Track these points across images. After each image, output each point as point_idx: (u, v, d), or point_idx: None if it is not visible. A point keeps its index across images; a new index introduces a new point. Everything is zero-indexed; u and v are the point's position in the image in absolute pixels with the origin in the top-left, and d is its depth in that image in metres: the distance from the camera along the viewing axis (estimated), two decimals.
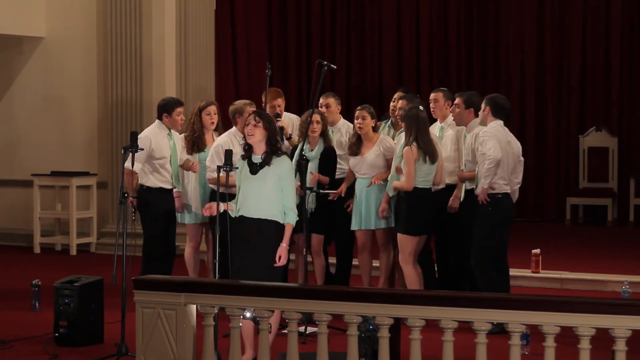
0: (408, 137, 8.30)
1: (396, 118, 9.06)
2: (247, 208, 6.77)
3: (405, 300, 5.62)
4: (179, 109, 8.94)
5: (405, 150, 8.27)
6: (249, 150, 6.85)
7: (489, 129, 8.19)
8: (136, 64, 12.68)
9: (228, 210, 6.88)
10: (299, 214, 7.10)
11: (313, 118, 8.80)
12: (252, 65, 15.67)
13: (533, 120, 15.30)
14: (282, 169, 6.79)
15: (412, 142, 8.25)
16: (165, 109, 8.93)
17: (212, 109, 9.11)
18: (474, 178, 8.35)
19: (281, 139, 7.02)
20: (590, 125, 14.93)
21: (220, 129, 9.16)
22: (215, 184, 6.99)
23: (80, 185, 12.97)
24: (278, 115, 9.32)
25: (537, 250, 10.40)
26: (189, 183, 9.10)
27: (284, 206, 6.77)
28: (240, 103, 8.95)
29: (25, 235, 13.41)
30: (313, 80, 12.89)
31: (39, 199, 13.07)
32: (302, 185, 8.27)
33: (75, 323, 7.81)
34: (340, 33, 16.32)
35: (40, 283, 9.15)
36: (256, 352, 6.26)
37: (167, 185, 8.94)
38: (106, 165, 12.99)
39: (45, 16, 13.58)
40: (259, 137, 6.79)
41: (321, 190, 8.85)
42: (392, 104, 9.35)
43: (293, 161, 8.24)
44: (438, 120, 9.09)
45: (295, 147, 8.97)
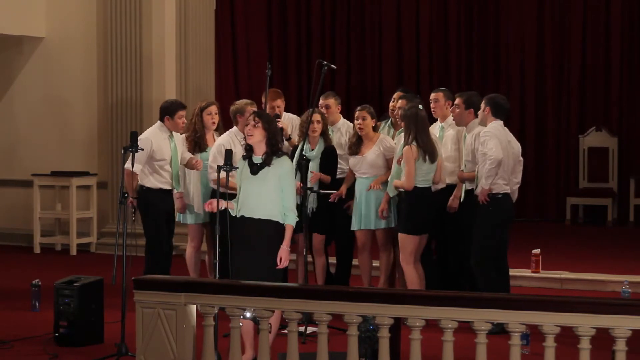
0: (407, 137, 8.29)
1: (395, 118, 9.06)
2: (248, 208, 6.77)
3: (405, 300, 5.62)
4: (181, 112, 8.92)
5: (405, 150, 8.26)
6: (249, 150, 6.85)
7: (490, 129, 8.18)
8: (136, 64, 12.67)
9: (229, 208, 6.88)
10: (299, 214, 7.10)
11: (313, 118, 8.80)
12: (252, 65, 15.67)
13: (533, 120, 15.29)
14: (283, 169, 6.78)
15: (412, 142, 8.24)
16: (168, 111, 8.91)
17: (213, 108, 9.12)
18: (474, 178, 8.36)
19: (281, 139, 7.02)
20: (590, 125, 14.93)
21: (221, 129, 9.17)
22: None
23: (80, 185, 12.97)
24: (277, 116, 9.30)
25: (537, 250, 10.40)
26: (190, 183, 9.10)
27: (284, 207, 6.77)
28: (241, 103, 8.95)
29: (25, 235, 13.40)
30: (313, 80, 12.89)
31: (39, 199, 13.07)
32: (303, 185, 8.27)
33: (75, 323, 7.81)
34: (340, 33, 16.32)
35: (40, 283, 9.14)
36: (256, 352, 6.26)
37: (167, 186, 8.94)
38: (106, 166, 12.99)
39: (45, 16, 13.58)
40: (258, 138, 6.78)
41: (322, 191, 8.85)
42: (392, 103, 9.34)
43: (293, 161, 8.24)
44: (438, 120, 9.08)
45: (295, 148, 8.97)
